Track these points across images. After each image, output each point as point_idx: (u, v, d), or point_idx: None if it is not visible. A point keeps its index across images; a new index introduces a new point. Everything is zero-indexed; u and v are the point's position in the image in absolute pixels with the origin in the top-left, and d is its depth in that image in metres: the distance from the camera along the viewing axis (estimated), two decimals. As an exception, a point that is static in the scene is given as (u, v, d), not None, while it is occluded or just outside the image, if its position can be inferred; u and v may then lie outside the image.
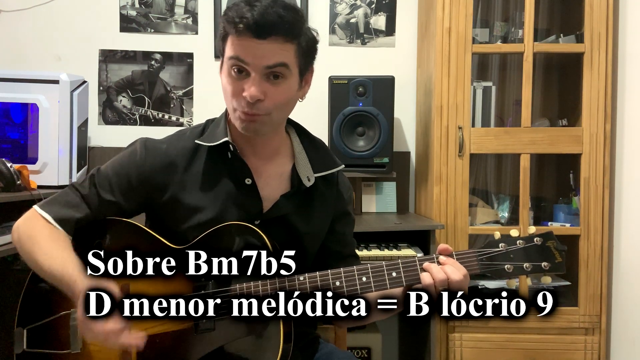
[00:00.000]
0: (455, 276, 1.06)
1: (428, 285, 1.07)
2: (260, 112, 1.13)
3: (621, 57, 2.21)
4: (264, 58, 1.09)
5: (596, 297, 2.19)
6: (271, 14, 1.07)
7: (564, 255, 1.11)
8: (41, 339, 1.20)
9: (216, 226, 1.16)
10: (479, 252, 1.11)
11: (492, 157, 2.60)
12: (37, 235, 1.15)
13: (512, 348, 2.19)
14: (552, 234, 1.12)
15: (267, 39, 1.08)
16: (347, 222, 1.35)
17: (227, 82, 1.14)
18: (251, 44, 1.08)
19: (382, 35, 2.68)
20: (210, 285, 1.13)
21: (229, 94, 1.14)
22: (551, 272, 1.10)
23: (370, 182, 2.61)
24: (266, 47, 1.09)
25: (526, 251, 1.11)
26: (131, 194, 1.20)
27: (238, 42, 1.09)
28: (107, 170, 1.22)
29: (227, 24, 1.10)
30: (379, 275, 1.11)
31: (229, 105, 1.16)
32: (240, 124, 1.15)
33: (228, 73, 1.13)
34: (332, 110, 2.38)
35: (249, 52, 1.09)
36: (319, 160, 1.27)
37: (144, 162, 1.20)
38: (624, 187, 2.17)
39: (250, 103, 1.11)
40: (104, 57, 2.64)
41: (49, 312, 1.20)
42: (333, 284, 1.11)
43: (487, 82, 2.40)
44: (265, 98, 1.11)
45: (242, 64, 1.10)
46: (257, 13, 1.06)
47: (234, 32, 1.09)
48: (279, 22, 1.08)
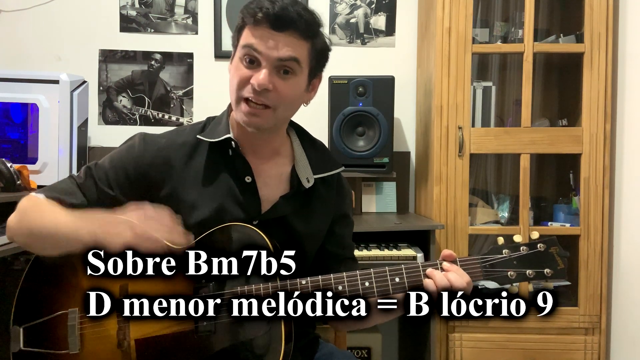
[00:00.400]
0: (458, 284, 1.06)
1: (431, 293, 1.08)
2: (266, 102, 1.13)
3: (621, 57, 2.21)
4: (278, 50, 1.10)
5: (596, 297, 2.19)
6: (291, 10, 1.10)
7: (566, 261, 1.11)
8: (38, 338, 1.19)
9: (215, 227, 1.16)
10: (483, 259, 1.11)
11: (492, 157, 2.60)
12: (38, 204, 1.15)
13: (512, 348, 2.20)
14: (555, 240, 1.12)
15: (283, 32, 1.10)
16: (346, 224, 1.34)
17: (236, 71, 1.14)
18: (267, 34, 1.10)
19: (382, 35, 2.68)
20: (211, 287, 1.13)
21: (235, 84, 1.14)
22: (553, 279, 1.11)
23: (370, 182, 2.61)
24: (281, 39, 1.10)
25: (529, 257, 1.11)
26: (129, 188, 1.20)
27: (254, 32, 1.11)
28: (104, 163, 1.22)
29: (247, 14, 1.11)
30: (381, 280, 1.11)
31: (234, 96, 1.15)
32: (242, 117, 1.15)
33: (238, 62, 1.14)
34: (332, 110, 2.38)
35: (263, 41, 1.10)
36: (319, 162, 1.27)
37: (142, 156, 1.19)
38: (624, 187, 2.17)
39: (257, 91, 1.11)
40: (104, 57, 2.64)
41: (46, 310, 1.19)
42: (335, 288, 1.11)
43: (487, 82, 2.40)
44: (272, 89, 1.12)
45: (255, 52, 1.11)
46: (278, 7, 1.09)
47: (252, 21, 1.10)
48: (298, 18, 1.10)
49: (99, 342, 1.15)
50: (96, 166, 1.22)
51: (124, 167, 1.20)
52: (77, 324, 1.17)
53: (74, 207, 1.17)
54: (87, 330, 1.16)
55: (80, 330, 1.17)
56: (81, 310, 1.17)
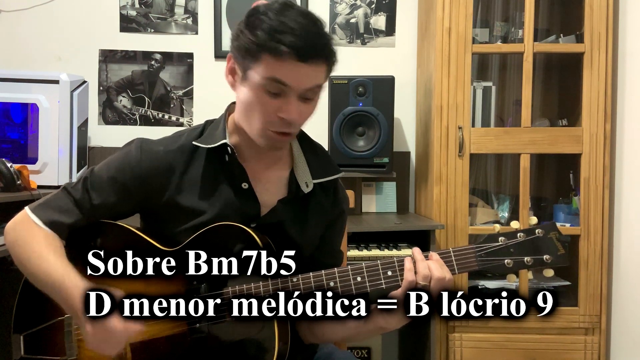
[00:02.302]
0: (438, 273, 1.05)
1: (410, 282, 1.06)
2: (293, 130, 1.13)
3: (621, 57, 2.21)
4: (305, 82, 1.08)
5: (596, 297, 2.19)
6: (315, 40, 1.06)
7: (567, 246, 1.06)
8: (38, 345, 1.20)
9: (206, 227, 1.15)
10: (478, 247, 1.07)
11: (492, 157, 2.60)
12: (31, 241, 1.14)
13: (512, 348, 2.20)
14: (554, 225, 1.07)
15: (308, 62, 1.05)
16: (338, 232, 1.33)
17: (259, 100, 1.09)
18: (293, 67, 1.05)
19: (382, 35, 2.68)
20: (202, 288, 1.13)
21: (258, 112, 1.10)
22: (554, 265, 1.06)
23: (370, 182, 2.61)
24: (308, 70, 1.07)
25: (527, 244, 1.06)
26: (126, 197, 1.18)
27: (279, 64, 1.05)
28: (101, 173, 1.19)
29: (266, 45, 1.04)
30: (373, 274, 1.09)
31: (256, 121, 1.11)
32: (267, 142, 1.13)
33: (261, 93, 1.09)
34: (332, 110, 2.38)
35: (291, 75, 1.06)
36: (319, 166, 1.25)
37: (139, 165, 1.17)
38: (624, 187, 2.17)
39: (288, 124, 1.10)
40: (104, 57, 2.64)
41: (44, 318, 1.20)
42: (327, 284, 1.10)
43: (487, 82, 2.40)
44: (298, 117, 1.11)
45: (282, 85, 1.07)
46: (303, 39, 1.04)
47: (273, 52, 1.04)
48: (320, 45, 1.07)
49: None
50: (92, 175, 1.19)
51: (122, 177, 1.17)
52: (73, 330, 1.17)
53: (71, 228, 1.17)
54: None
55: (77, 336, 1.17)
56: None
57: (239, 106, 1.16)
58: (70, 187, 1.20)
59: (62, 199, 1.19)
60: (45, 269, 1.10)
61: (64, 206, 1.18)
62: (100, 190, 1.18)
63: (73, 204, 1.18)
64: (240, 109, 1.15)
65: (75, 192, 1.18)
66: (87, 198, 1.18)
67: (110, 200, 1.18)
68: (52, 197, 1.20)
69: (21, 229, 1.16)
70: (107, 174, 1.18)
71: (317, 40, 1.06)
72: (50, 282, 1.09)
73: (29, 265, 1.13)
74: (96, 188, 1.18)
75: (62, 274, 1.09)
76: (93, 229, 1.21)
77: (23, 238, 1.15)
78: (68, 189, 1.20)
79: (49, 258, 1.11)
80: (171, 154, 1.19)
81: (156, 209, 1.19)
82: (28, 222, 1.16)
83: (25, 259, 1.14)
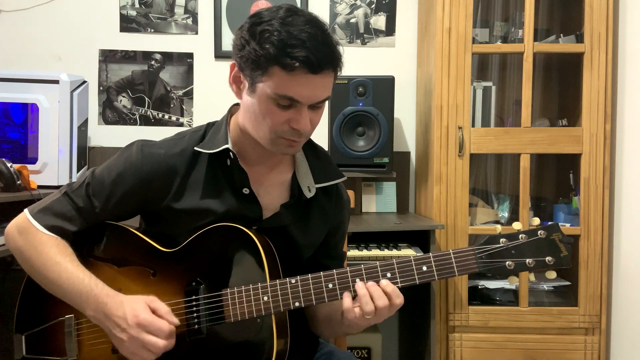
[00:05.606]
0: (380, 303, 1.06)
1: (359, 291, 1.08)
2: (305, 139, 1.15)
3: (621, 57, 2.20)
4: (318, 94, 1.08)
5: (596, 297, 2.19)
6: (322, 47, 1.05)
7: (569, 248, 1.04)
8: (39, 345, 1.20)
9: (205, 228, 1.15)
10: (478, 249, 1.06)
11: (492, 157, 2.60)
12: (42, 249, 1.14)
13: (512, 348, 2.19)
14: (557, 226, 1.06)
15: (319, 74, 1.05)
16: (340, 235, 1.33)
17: (269, 111, 1.09)
18: (304, 80, 1.05)
19: (382, 35, 2.68)
20: (201, 290, 1.13)
21: (268, 122, 1.10)
22: (556, 267, 1.05)
23: (370, 182, 2.61)
24: (319, 82, 1.06)
25: (529, 245, 1.04)
26: (127, 201, 1.18)
27: (290, 78, 1.04)
28: (102, 177, 1.18)
29: (275, 58, 1.03)
30: (373, 277, 1.09)
31: (266, 129, 1.11)
32: (278, 148, 1.13)
33: (271, 104, 1.08)
34: (332, 110, 2.38)
35: (302, 90, 1.06)
36: (321, 171, 1.25)
37: (140, 168, 1.16)
38: (624, 187, 2.17)
39: (299, 133, 1.10)
40: (104, 57, 2.64)
41: (45, 318, 1.20)
42: (326, 286, 1.10)
43: (487, 82, 2.40)
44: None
45: (293, 99, 1.07)
46: (313, 52, 1.03)
47: (285, 67, 1.03)
48: (330, 55, 1.06)
49: (95, 347, 1.16)
50: (94, 180, 1.19)
51: (123, 181, 1.17)
52: (73, 330, 1.17)
53: (75, 234, 1.18)
54: (84, 337, 1.17)
55: (77, 336, 1.17)
56: (77, 317, 1.18)
57: (245, 113, 1.15)
58: (72, 191, 1.19)
59: (65, 205, 1.18)
60: (67, 278, 1.11)
61: (67, 213, 1.17)
62: (102, 196, 1.18)
63: (76, 210, 1.18)
64: (247, 116, 1.14)
65: (78, 199, 1.18)
66: (90, 205, 1.18)
67: (112, 205, 1.18)
68: (53, 202, 1.19)
69: (27, 235, 1.16)
70: (109, 179, 1.18)
71: (326, 50, 1.05)
72: (76, 291, 1.10)
73: (45, 272, 1.13)
74: (98, 194, 1.18)
75: (89, 283, 1.11)
76: (93, 229, 1.21)
77: (33, 245, 1.15)
78: (69, 194, 1.19)
79: (68, 267, 1.12)
80: (173, 157, 1.18)
81: (157, 211, 1.19)
82: (34, 229, 1.16)
83: (39, 265, 1.14)
